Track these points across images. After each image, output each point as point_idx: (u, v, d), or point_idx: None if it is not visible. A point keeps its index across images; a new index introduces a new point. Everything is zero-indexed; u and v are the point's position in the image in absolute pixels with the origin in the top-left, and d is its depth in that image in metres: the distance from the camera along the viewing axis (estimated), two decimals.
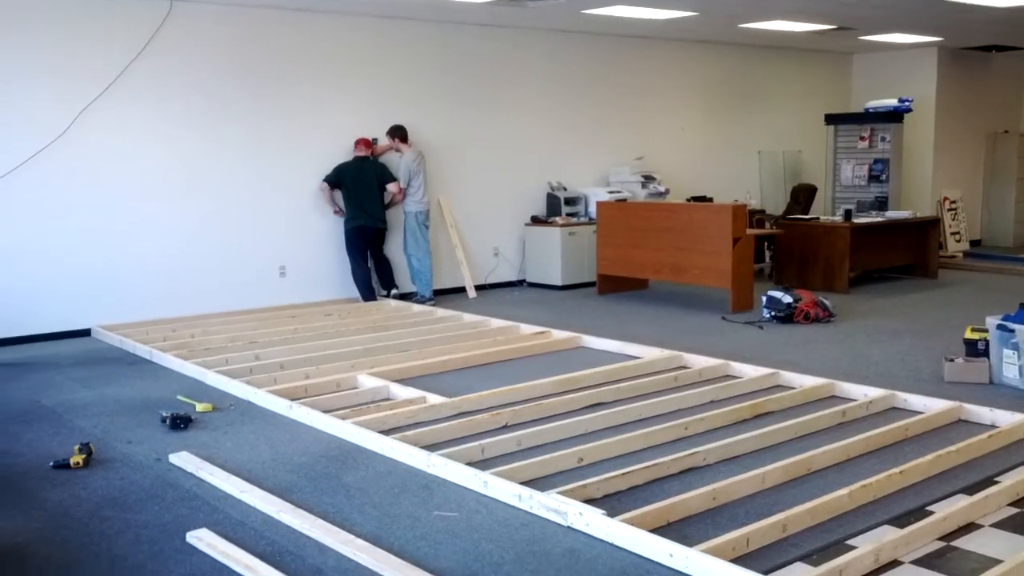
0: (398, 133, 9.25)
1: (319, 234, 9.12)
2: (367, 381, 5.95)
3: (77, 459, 4.53)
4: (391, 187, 9.18)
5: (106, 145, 7.83)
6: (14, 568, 3.43)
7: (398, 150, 9.31)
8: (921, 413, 5.13)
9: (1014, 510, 3.79)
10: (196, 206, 8.34)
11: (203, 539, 3.59)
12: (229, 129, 8.46)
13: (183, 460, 4.54)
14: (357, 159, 9.08)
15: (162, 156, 8.13)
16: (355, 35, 9.16)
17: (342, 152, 9.08)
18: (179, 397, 5.72)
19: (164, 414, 5.19)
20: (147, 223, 8.08)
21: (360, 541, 3.54)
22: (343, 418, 5.05)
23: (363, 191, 9.04)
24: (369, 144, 9.16)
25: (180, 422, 5.12)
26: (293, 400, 5.44)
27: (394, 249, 9.51)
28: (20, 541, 3.67)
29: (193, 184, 8.31)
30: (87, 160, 7.75)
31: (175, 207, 8.22)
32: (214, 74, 8.34)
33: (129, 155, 7.95)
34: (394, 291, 9.37)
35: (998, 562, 3.23)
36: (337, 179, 9.02)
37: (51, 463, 4.53)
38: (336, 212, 9.11)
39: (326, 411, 5.21)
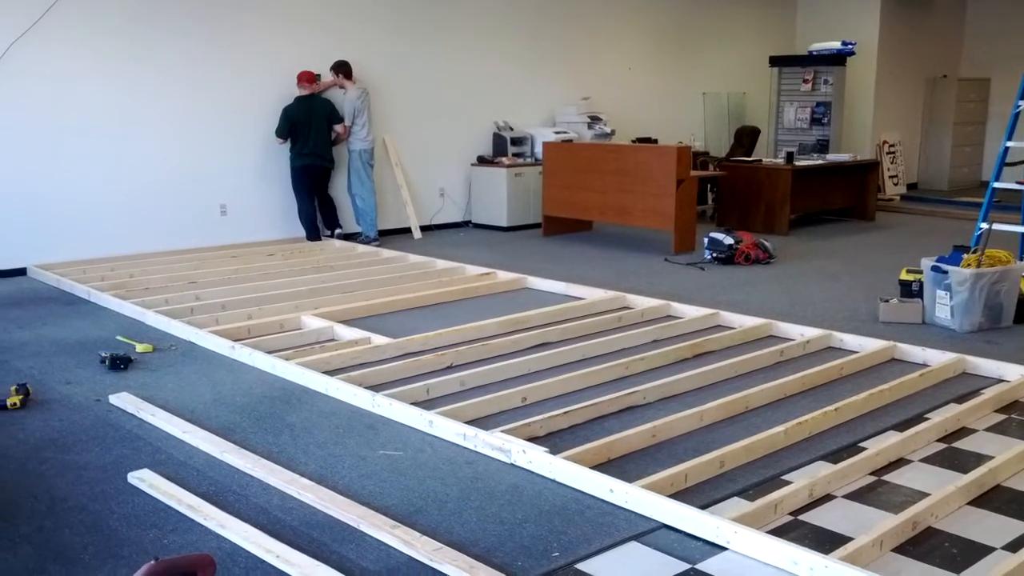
0: (342, 69, 9.06)
1: (261, 172, 8.95)
2: (311, 322, 5.92)
3: (14, 400, 4.45)
4: (338, 128, 9.05)
5: (40, 78, 7.54)
6: None
7: (342, 87, 9.14)
8: (856, 352, 5.26)
9: (942, 446, 3.93)
10: (134, 142, 8.11)
11: (145, 479, 3.57)
12: (168, 62, 8.21)
13: (123, 401, 4.49)
14: (301, 99, 8.87)
15: (98, 89, 7.87)
16: None
17: (285, 88, 8.86)
18: (119, 337, 5.64)
19: (103, 354, 5.12)
20: (83, 159, 7.85)
21: (304, 480, 3.55)
22: (287, 359, 5.02)
23: (312, 130, 8.87)
24: (313, 79, 8.92)
25: (120, 363, 5.05)
26: (236, 341, 5.39)
27: (338, 189, 9.39)
28: None
29: (131, 119, 8.07)
30: (20, 94, 7.47)
31: (112, 143, 7.99)
32: (151, 2, 8.06)
33: (64, 88, 7.68)
34: (338, 231, 9.28)
35: (926, 495, 3.35)
36: (289, 129, 8.81)
37: None
38: None
39: (269, 352, 5.18)
